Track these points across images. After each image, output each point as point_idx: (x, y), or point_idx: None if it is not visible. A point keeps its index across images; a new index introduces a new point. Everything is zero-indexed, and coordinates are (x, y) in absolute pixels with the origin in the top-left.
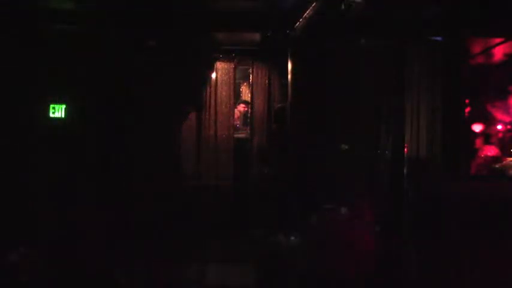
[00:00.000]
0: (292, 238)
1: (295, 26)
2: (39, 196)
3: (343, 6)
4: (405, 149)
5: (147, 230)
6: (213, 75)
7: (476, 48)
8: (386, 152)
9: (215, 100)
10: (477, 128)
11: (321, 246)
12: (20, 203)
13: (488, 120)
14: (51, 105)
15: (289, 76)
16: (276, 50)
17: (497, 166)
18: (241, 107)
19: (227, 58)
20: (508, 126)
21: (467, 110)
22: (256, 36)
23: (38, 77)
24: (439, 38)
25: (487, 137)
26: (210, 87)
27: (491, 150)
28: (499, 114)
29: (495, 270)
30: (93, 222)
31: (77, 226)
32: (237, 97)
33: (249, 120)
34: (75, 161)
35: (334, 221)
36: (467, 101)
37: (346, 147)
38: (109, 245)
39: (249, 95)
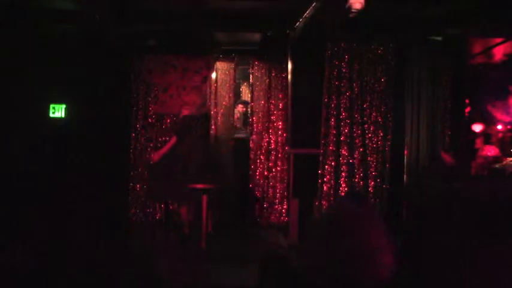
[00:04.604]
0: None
1: (295, 26)
2: None
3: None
4: (405, 150)
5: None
6: (213, 75)
7: (476, 48)
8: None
9: (215, 100)
10: (477, 128)
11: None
12: None
13: (488, 120)
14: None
15: (289, 76)
16: (276, 50)
17: (497, 166)
18: (240, 107)
19: (227, 58)
20: (508, 126)
21: (467, 110)
22: (256, 36)
23: None
24: (439, 38)
25: (487, 137)
26: (210, 87)
27: (491, 150)
28: (499, 114)
29: (496, 271)
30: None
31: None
32: (237, 97)
33: (249, 120)
34: None
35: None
36: (467, 101)
37: None
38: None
39: (249, 95)
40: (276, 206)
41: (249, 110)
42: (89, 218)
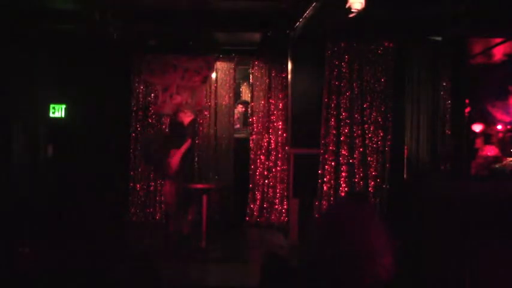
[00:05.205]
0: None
1: (295, 26)
2: None
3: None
4: (405, 150)
5: None
6: (213, 75)
7: (476, 48)
8: None
9: (215, 100)
10: (477, 128)
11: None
12: None
13: (488, 120)
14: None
15: (289, 76)
16: (276, 50)
17: (497, 166)
18: (240, 107)
19: (227, 58)
20: (508, 126)
21: (467, 110)
22: (256, 36)
23: None
24: (439, 38)
25: (487, 137)
26: (210, 87)
27: (491, 150)
28: (499, 114)
29: (495, 271)
30: None
31: None
32: (237, 97)
33: (249, 120)
34: None
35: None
36: (467, 101)
37: None
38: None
39: (249, 95)
40: (276, 206)
41: (249, 110)
42: (88, 218)
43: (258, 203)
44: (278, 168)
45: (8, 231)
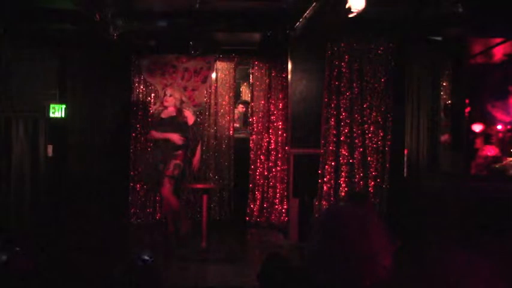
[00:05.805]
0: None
1: (295, 26)
2: None
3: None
4: (405, 150)
5: None
6: (213, 75)
7: (476, 48)
8: None
9: (215, 100)
10: (477, 128)
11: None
12: None
13: (488, 120)
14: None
15: (289, 76)
16: (276, 50)
17: (497, 166)
18: (240, 107)
19: (227, 58)
20: (508, 126)
21: (467, 110)
22: (256, 36)
23: None
24: (439, 38)
25: (487, 137)
26: (210, 87)
27: (491, 150)
28: (499, 114)
29: (495, 271)
30: None
31: None
32: (237, 97)
33: (249, 120)
34: None
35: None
36: (467, 101)
37: None
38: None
39: (249, 95)
40: (276, 206)
41: (249, 110)
42: (88, 218)
43: (258, 203)
44: (278, 168)
45: (7, 231)
